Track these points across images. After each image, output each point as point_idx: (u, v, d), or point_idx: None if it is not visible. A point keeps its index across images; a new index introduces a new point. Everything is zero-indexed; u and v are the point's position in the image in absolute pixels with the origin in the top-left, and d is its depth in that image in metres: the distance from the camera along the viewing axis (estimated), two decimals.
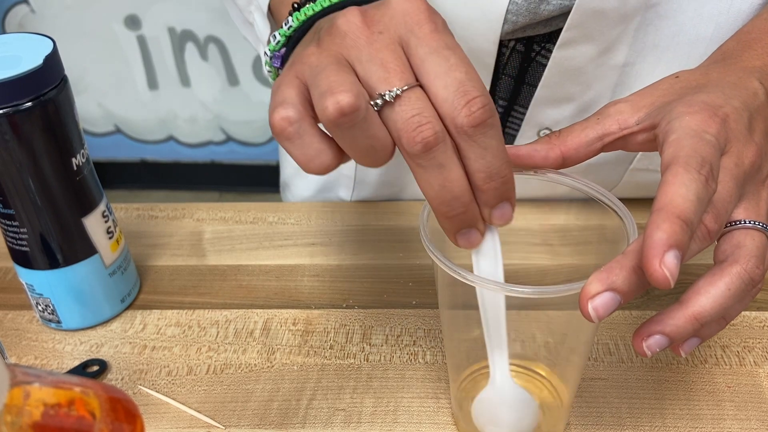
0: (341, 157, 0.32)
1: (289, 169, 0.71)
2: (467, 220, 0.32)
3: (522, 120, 0.55)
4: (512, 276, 0.35)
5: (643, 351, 0.32)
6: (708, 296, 0.32)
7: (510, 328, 0.36)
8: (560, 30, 0.48)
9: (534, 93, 0.53)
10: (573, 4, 0.47)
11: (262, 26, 0.47)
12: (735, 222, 0.34)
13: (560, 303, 0.34)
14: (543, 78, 0.51)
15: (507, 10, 0.48)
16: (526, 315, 0.38)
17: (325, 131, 0.32)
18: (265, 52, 0.40)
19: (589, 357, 0.46)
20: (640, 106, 0.37)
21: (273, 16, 0.47)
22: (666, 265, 0.29)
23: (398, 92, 0.30)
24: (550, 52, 0.50)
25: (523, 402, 0.38)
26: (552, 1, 0.48)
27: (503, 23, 0.49)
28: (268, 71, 0.41)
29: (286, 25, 0.38)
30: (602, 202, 0.37)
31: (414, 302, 0.52)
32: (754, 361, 0.46)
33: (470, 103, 0.29)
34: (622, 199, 0.37)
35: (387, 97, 0.30)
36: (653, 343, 0.32)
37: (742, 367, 0.45)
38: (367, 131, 0.30)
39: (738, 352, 0.46)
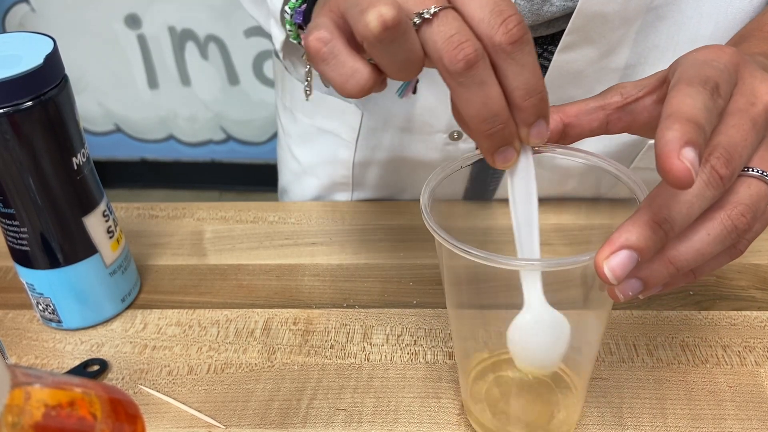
0: (377, 76, 0.32)
1: (287, 174, 0.71)
2: (505, 137, 0.32)
3: None
4: (513, 275, 0.35)
5: (607, 279, 0.30)
6: (685, 240, 0.31)
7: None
8: (562, 32, 0.48)
9: None
10: (575, 5, 0.47)
11: None
12: None
13: (567, 278, 0.34)
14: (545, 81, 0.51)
15: None
16: None
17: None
18: (286, 11, 0.41)
19: (596, 358, 0.45)
20: (642, 82, 0.36)
21: None
22: (686, 157, 0.27)
23: (435, 10, 0.30)
24: (552, 54, 0.50)
25: (558, 323, 0.36)
26: (555, 2, 0.48)
27: None
28: (289, 30, 0.42)
29: None
30: (609, 172, 0.36)
31: (414, 302, 0.52)
32: (755, 361, 0.46)
33: (506, 21, 0.30)
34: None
35: (425, 14, 0.30)
36: (627, 287, 0.31)
37: (743, 367, 0.45)
38: (405, 45, 0.30)
39: (739, 351, 0.46)
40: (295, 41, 0.44)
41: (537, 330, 0.36)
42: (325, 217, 0.61)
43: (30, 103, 0.42)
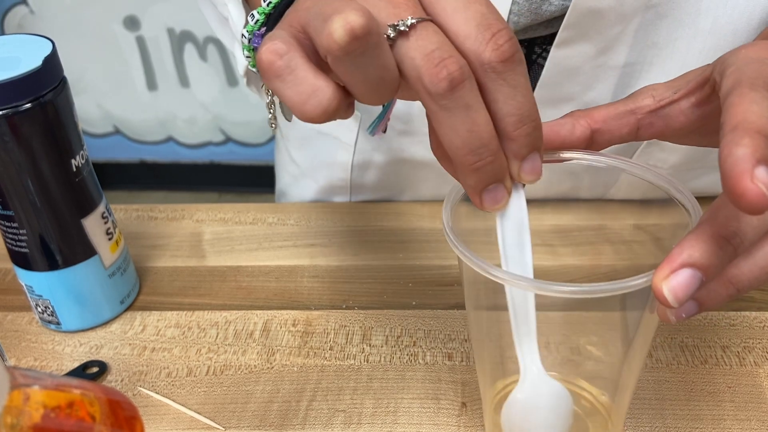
0: (342, 96, 0.28)
1: (285, 177, 0.71)
2: (495, 172, 0.29)
3: None
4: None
5: (667, 302, 0.27)
6: (748, 257, 0.28)
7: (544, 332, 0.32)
8: None
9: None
10: None
11: (238, 17, 0.44)
12: None
13: (596, 305, 0.31)
14: (541, 78, 0.51)
15: (509, 11, 0.48)
16: (547, 318, 0.35)
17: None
18: (243, 35, 0.37)
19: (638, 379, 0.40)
20: (675, 83, 0.34)
21: (249, 5, 0.44)
22: (759, 179, 0.24)
23: (413, 21, 0.26)
24: None
25: (558, 397, 0.33)
26: (553, 1, 0.48)
27: None
28: (247, 56, 0.37)
29: (265, 1, 0.35)
30: (653, 183, 0.33)
31: (414, 303, 0.52)
32: (755, 362, 0.46)
33: (496, 36, 0.27)
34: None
35: (401, 26, 0.26)
36: (682, 309, 0.28)
37: (742, 368, 0.45)
38: (377, 61, 0.27)
39: (738, 352, 0.46)
40: (253, 69, 0.37)
41: (535, 407, 0.33)
42: (324, 218, 0.61)
43: (29, 105, 0.42)
